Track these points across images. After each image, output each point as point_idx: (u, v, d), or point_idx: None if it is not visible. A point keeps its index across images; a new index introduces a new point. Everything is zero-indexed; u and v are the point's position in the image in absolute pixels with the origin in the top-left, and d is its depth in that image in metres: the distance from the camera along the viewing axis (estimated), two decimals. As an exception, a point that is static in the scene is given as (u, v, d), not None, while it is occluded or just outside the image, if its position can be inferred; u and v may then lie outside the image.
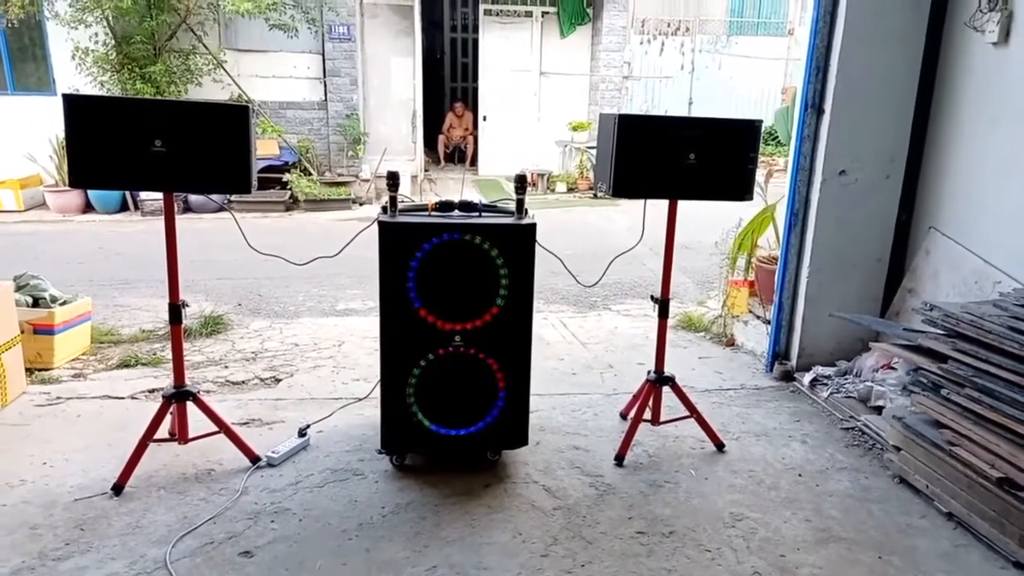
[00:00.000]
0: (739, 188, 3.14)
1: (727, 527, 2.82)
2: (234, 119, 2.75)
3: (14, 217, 9.64)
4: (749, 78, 14.22)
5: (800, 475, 3.22)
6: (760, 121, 3.15)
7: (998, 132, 3.63)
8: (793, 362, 4.28)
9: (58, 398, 3.78)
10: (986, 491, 2.71)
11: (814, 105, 3.97)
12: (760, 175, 3.78)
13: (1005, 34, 3.56)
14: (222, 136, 2.74)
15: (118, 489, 2.89)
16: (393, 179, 2.94)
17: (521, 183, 3.03)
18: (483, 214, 2.98)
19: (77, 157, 2.67)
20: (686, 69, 14.31)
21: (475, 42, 13.47)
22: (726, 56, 14.45)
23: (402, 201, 2.98)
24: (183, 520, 2.74)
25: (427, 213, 2.97)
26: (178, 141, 2.70)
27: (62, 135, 2.66)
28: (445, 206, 3.00)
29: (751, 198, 3.21)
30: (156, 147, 2.69)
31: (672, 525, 2.82)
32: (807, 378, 4.13)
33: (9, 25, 9.82)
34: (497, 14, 12.84)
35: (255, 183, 2.87)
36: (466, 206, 3.02)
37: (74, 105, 2.64)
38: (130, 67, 10.01)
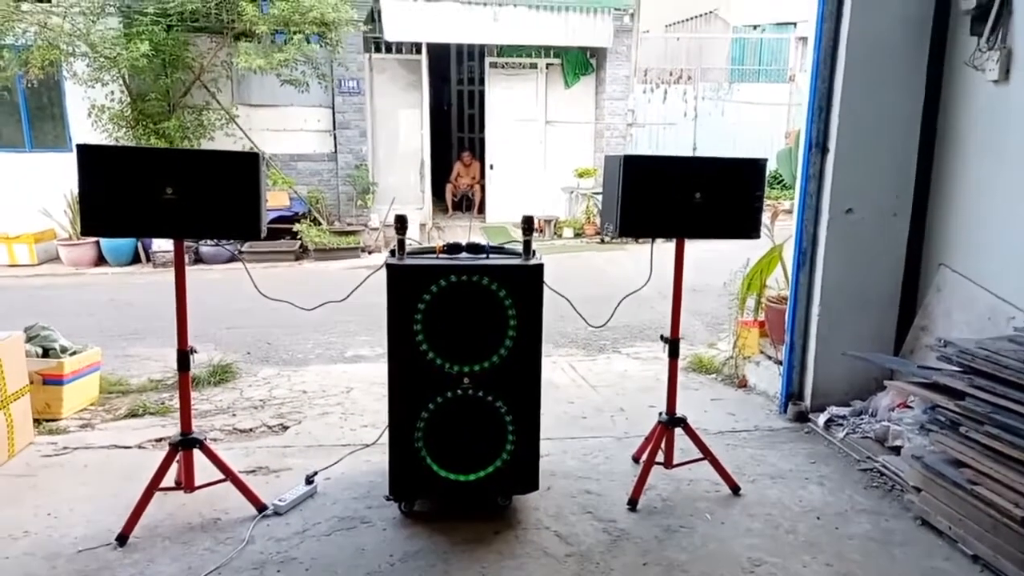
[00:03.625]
0: (746, 226, 3.15)
1: (745, 573, 2.74)
2: (244, 166, 2.80)
3: (28, 271, 9.75)
4: (752, 123, 14.39)
5: (819, 518, 3.14)
6: (765, 159, 3.17)
7: (1004, 167, 3.63)
8: (807, 402, 4.22)
9: (65, 448, 3.76)
10: (1012, 532, 2.63)
11: (818, 144, 4.00)
12: (766, 216, 3.80)
13: (1005, 72, 3.59)
14: (232, 183, 2.78)
15: (123, 539, 2.85)
16: (401, 222, 2.96)
17: (528, 225, 3.05)
18: (490, 256, 2.99)
19: (89, 206, 2.71)
20: (689, 116, 14.51)
21: (481, 94, 13.73)
22: (728, 103, 14.67)
23: (410, 245, 3.00)
24: (188, 571, 2.69)
25: (435, 255, 2.98)
26: (189, 189, 2.75)
27: (76, 190, 2.69)
28: (453, 248, 3.02)
29: (758, 235, 3.21)
30: (168, 195, 2.73)
31: (688, 571, 2.74)
32: (822, 419, 4.06)
33: (29, 85, 10.11)
34: (503, 67, 13.12)
35: (265, 229, 2.90)
36: (474, 248, 3.03)
37: (87, 155, 2.69)
38: (144, 123, 10.25)
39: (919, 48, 3.93)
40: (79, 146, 2.70)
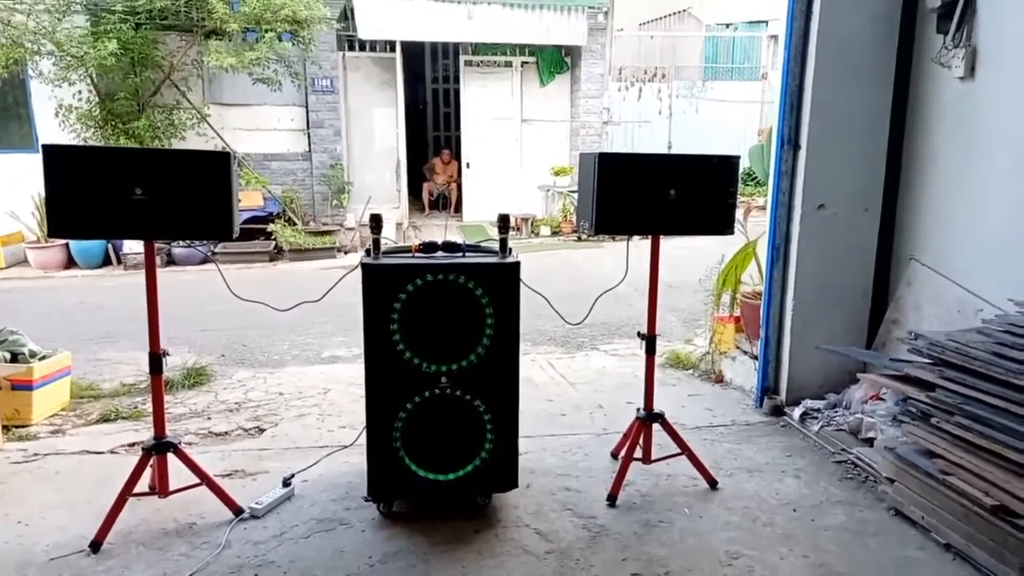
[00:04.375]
0: (720, 222, 3.17)
1: (723, 566, 2.76)
2: (215, 166, 2.76)
3: (-6, 274, 9.55)
4: (726, 121, 14.53)
5: (795, 510, 3.18)
6: (738, 156, 3.20)
7: (971, 162, 3.70)
8: (782, 396, 4.27)
9: (35, 455, 3.68)
10: (983, 520, 2.68)
11: (790, 141, 4.04)
12: (739, 212, 3.83)
13: (971, 69, 3.66)
14: (203, 183, 2.74)
15: (96, 546, 2.80)
16: (376, 222, 2.94)
17: (504, 223, 3.04)
18: (467, 254, 2.99)
19: (57, 207, 2.66)
20: (664, 114, 14.62)
21: (457, 92, 13.70)
22: (702, 100, 14.80)
23: (386, 244, 2.98)
24: (163, 577, 2.65)
25: (411, 254, 2.97)
26: (159, 189, 2.70)
27: (44, 191, 2.63)
28: (429, 247, 3.00)
29: (732, 232, 3.24)
30: (137, 195, 2.68)
31: (667, 566, 2.76)
32: (797, 412, 4.11)
33: (-8, 84, 9.90)
34: (478, 65, 13.10)
35: (237, 230, 2.86)
36: (449, 247, 3.02)
37: (53, 155, 2.64)
38: (113, 123, 10.09)
39: (888, 45, 3.99)
40: (45, 146, 2.65)
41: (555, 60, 13.21)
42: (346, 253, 10.91)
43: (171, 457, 3.02)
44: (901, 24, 3.97)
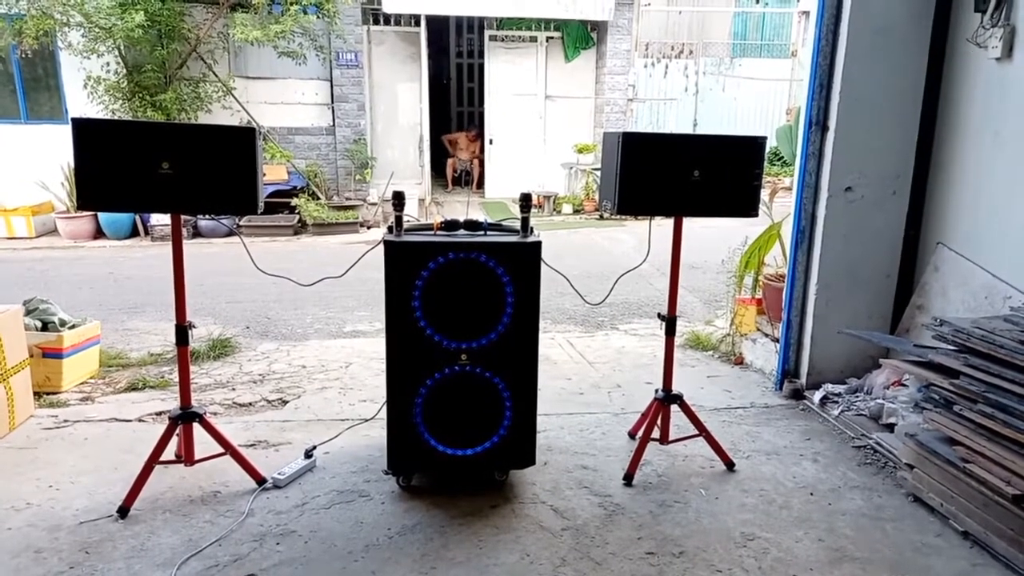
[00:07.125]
0: (744, 204, 3.14)
1: (738, 547, 2.78)
2: (240, 141, 2.79)
3: (26, 244, 9.74)
4: (754, 99, 14.31)
5: (812, 494, 3.18)
6: (764, 137, 3.16)
7: (1003, 146, 3.62)
8: (803, 380, 4.24)
9: (65, 421, 3.78)
10: (1003, 509, 2.66)
11: (818, 122, 3.98)
12: (764, 193, 3.79)
13: (1008, 49, 3.56)
14: (229, 158, 2.77)
15: (124, 512, 2.88)
16: (399, 199, 2.95)
17: (526, 202, 3.04)
18: (488, 233, 2.99)
19: (85, 180, 2.70)
20: (690, 91, 14.40)
21: (481, 67, 13.61)
22: (730, 78, 14.55)
23: (408, 221, 2.99)
24: (188, 543, 2.72)
25: (433, 232, 2.98)
26: (185, 163, 2.73)
27: (73, 163, 2.68)
28: (451, 225, 3.01)
29: (756, 214, 3.21)
30: (164, 169, 2.71)
31: (682, 545, 2.78)
32: (817, 396, 4.09)
33: (23, 55, 10.00)
34: (502, 39, 12.98)
35: (262, 204, 2.89)
36: (471, 225, 3.03)
37: (83, 129, 2.67)
38: (141, 95, 10.17)
39: (922, 24, 3.89)
40: (75, 120, 2.68)
41: (580, 35, 13.05)
42: (369, 228, 10.98)
43: (196, 426, 3.09)
44: (937, 2, 3.87)
